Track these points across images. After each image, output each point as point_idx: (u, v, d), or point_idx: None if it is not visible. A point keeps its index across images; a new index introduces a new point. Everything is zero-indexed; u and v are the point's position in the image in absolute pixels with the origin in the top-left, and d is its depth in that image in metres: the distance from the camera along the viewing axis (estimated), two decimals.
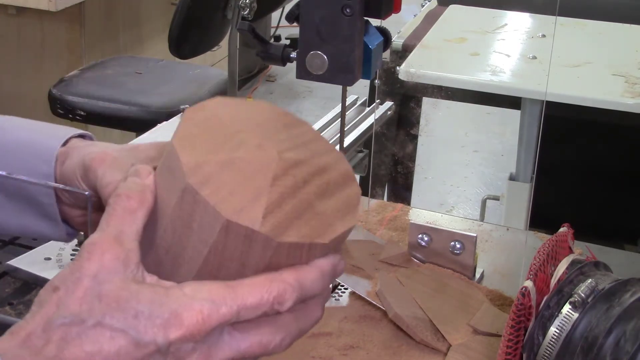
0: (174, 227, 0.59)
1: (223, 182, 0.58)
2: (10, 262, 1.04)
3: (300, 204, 0.59)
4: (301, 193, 0.59)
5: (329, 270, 0.60)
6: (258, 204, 0.57)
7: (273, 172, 0.59)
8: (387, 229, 1.17)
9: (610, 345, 0.75)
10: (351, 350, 0.91)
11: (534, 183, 1.94)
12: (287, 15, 0.95)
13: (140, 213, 0.59)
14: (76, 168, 0.73)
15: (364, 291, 0.99)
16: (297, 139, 0.64)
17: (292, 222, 0.58)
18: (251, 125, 0.63)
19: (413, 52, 2.00)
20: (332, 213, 0.60)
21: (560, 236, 0.89)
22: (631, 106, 1.75)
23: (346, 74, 0.93)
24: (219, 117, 0.63)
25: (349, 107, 1.47)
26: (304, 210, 0.59)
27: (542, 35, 2.12)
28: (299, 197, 0.59)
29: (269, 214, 0.57)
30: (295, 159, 0.61)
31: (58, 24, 3.01)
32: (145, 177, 0.62)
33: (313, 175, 0.61)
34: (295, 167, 0.60)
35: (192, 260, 0.59)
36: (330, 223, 0.60)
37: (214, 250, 0.57)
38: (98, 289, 0.55)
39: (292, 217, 0.58)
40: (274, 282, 0.57)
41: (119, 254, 0.57)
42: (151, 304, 0.55)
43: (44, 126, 0.80)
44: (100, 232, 0.58)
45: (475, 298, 0.99)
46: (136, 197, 0.60)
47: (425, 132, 2.74)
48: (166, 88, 2.74)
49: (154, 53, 3.36)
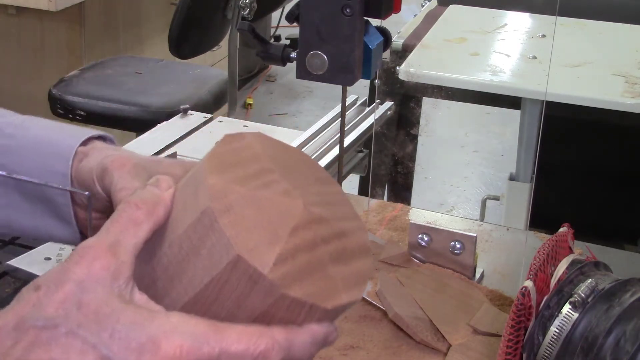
0: (181, 246, 0.57)
1: (244, 216, 0.55)
2: (10, 262, 1.04)
3: (314, 261, 0.56)
4: (317, 251, 0.57)
5: (321, 338, 0.57)
6: (272, 249, 0.55)
7: (295, 222, 0.57)
8: (387, 229, 1.17)
9: (610, 345, 0.75)
10: (351, 350, 0.91)
11: (534, 183, 1.94)
12: (287, 15, 0.95)
13: (146, 226, 0.57)
14: (94, 168, 0.71)
15: (364, 291, 0.99)
16: (325, 196, 0.62)
17: (302, 277, 0.55)
18: (284, 169, 0.61)
19: (413, 52, 2.00)
20: (342, 280, 0.58)
21: (560, 236, 0.89)
22: (631, 106, 1.75)
23: (346, 74, 0.93)
24: (255, 150, 0.61)
25: (349, 107, 1.47)
26: (316, 269, 0.56)
27: (542, 35, 2.12)
28: (315, 254, 0.57)
29: (281, 262, 0.54)
30: (319, 216, 0.59)
31: (58, 24, 3.01)
32: (164, 189, 0.59)
33: (332, 237, 0.59)
34: (318, 223, 0.58)
35: (189, 286, 0.56)
36: (337, 290, 0.57)
37: (215, 283, 0.55)
38: (80, 296, 0.53)
39: (302, 273, 0.55)
40: (263, 336, 0.54)
41: (110, 265, 0.54)
42: (131, 325, 0.52)
43: (65, 126, 0.78)
44: (97, 237, 0.56)
45: (475, 298, 0.99)
46: (145, 209, 0.57)
47: (425, 132, 2.74)
48: (166, 88, 2.74)
49: (154, 53, 3.36)
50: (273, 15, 4.04)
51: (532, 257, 0.85)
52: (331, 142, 1.34)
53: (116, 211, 0.57)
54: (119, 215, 0.57)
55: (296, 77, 0.95)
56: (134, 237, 0.56)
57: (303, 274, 0.55)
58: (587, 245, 1.07)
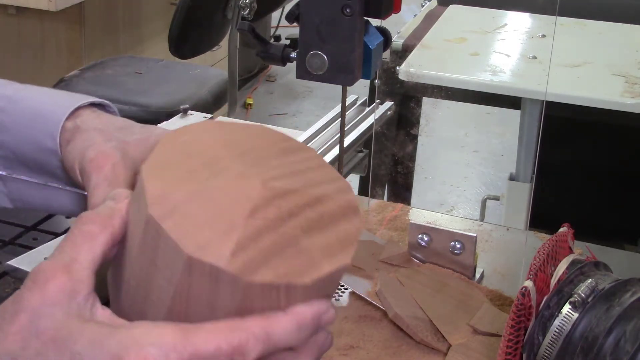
0: (140, 263, 0.54)
1: (191, 213, 0.51)
2: (10, 262, 1.04)
3: (282, 239, 0.52)
4: (285, 227, 0.52)
5: (310, 319, 0.52)
6: (228, 239, 0.50)
7: (252, 203, 0.52)
8: (387, 229, 1.17)
9: (610, 345, 0.75)
10: (351, 350, 0.91)
11: (534, 183, 1.94)
12: (287, 15, 0.95)
13: (102, 238, 0.54)
14: (76, 159, 0.68)
15: (364, 291, 0.99)
16: (293, 166, 0.57)
17: (269, 259, 0.51)
18: (238, 152, 0.57)
19: (413, 52, 2.00)
20: (321, 250, 0.53)
21: (560, 236, 0.89)
22: (631, 106, 1.75)
23: (346, 74, 0.93)
24: (201, 142, 0.57)
25: (349, 107, 1.47)
26: (286, 247, 0.52)
27: (542, 35, 2.12)
28: (282, 231, 0.52)
29: (240, 250, 0.50)
30: (283, 189, 0.54)
31: (58, 24, 3.01)
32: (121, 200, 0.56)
33: (304, 207, 0.54)
34: (282, 197, 0.54)
35: (160, 301, 0.53)
36: (315, 261, 0.52)
37: (180, 291, 0.52)
38: (37, 323, 0.50)
39: (269, 254, 0.51)
40: (235, 330, 0.50)
41: (65, 285, 0.51)
42: (91, 344, 0.49)
43: (54, 95, 0.75)
44: (51, 258, 0.53)
45: (475, 298, 0.99)
46: (99, 222, 0.55)
47: (425, 132, 2.74)
48: (166, 88, 2.74)
49: (154, 53, 3.36)
50: (273, 15, 4.04)
51: (532, 257, 0.85)
52: (331, 142, 1.34)
53: (70, 229, 0.55)
54: (72, 232, 0.54)
55: (296, 77, 0.95)
56: (90, 251, 0.53)
57: (270, 255, 0.51)
58: (587, 245, 1.07)
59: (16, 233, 1.10)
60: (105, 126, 0.71)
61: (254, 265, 0.50)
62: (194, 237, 0.50)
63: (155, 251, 0.52)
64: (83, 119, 0.72)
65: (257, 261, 0.50)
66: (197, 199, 0.52)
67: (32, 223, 1.12)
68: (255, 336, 0.51)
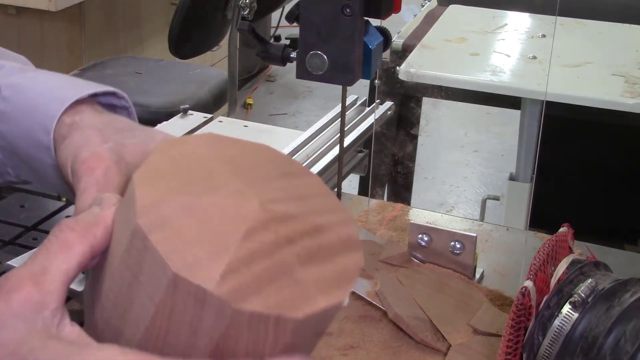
0: (122, 276, 0.50)
1: (182, 227, 0.48)
2: (10, 262, 1.04)
3: (277, 266, 0.48)
4: (281, 253, 0.49)
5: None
6: (219, 260, 0.47)
7: (249, 224, 0.49)
8: (387, 229, 1.17)
9: (610, 345, 0.75)
10: (351, 350, 0.91)
11: (534, 183, 1.94)
12: (287, 15, 0.95)
13: (79, 249, 0.50)
14: (69, 159, 0.65)
15: (364, 291, 0.99)
16: (294, 190, 0.53)
17: (260, 287, 0.47)
18: (238, 169, 0.53)
19: (413, 52, 2.00)
20: (317, 283, 0.49)
21: (560, 236, 0.89)
22: (631, 106, 1.76)
23: (346, 74, 0.93)
24: (200, 154, 0.53)
25: (349, 107, 1.47)
26: (280, 275, 0.48)
27: (542, 35, 2.12)
28: (277, 257, 0.48)
29: (231, 274, 0.46)
30: (283, 213, 0.50)
31: (58, 24, 3.01)
32: (107, 207, 0.52)
33: (302, 235, 0.50)
34: (281, 222, 0.50)
35: (139, 319, 0.49)
36: (310, 295, 0.48)
37: (161, 310, 0.48)
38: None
39: (261, 281, 0.47)
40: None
41: (32, 296, 0.47)
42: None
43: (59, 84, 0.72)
44: (22, 266, 0.49)
45: (475, 298, 0.99)
46: (79, 231, 0.51)
47: (425, 132, 2.74)
48: (166, 88, 2.74)
49: (154, 53, 3.36)
50: (273, 15, 4.04)
51: (532, 257, 0.85)
52: (331, 142, 1.34)
53: (48, 235, 0.51)
54: (48, 239, 0.51)
55: (296, 77, 0.95)
56: (64, 262, 0.49)
57: (262, 283, 0.47)
58: (587, 245, 1.07)
59: (16, 233, 1.10)
60: (104, 126, 0.67)
61: (244, 292, 0.46)
62: (183, 254, 0.47)
63: (139, 265, 0.48)
64: (82, 115, 0.68)
65: (247, 287, 0.47)
66: (189, 213, 0.49)
67: (32, 223, 1.12)
68: None
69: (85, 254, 0.50)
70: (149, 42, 3.47)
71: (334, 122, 1.41)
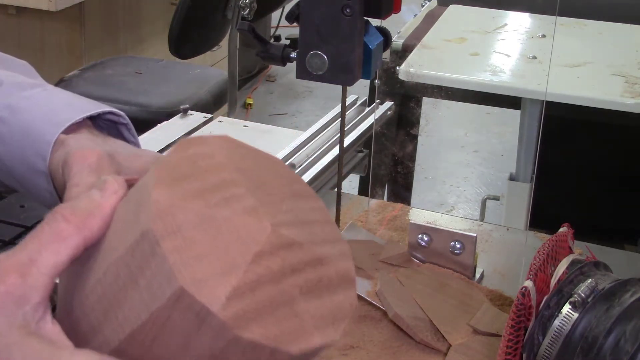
0: (118, 274, 0.48)
1: (194, 240, 0.47)
2: None
3: (280, 296, 0.47)
4: (285, 283, 0.48)
5: None
6: (227, 281, 0.46)
7: (259, 247, 0.48)
8: (387, 229, 1.17)
9: (610, 345, 0.75)
10: (351, 350, 0.91)
11: (534, 183, 1.94)
12: (287, 15, 0.95)
13: (73, 241, 0.48)
14: (60, 159, 0.63)
15: (364, 291, 0.99)
16: (301, 214, 0.52)
17: (262, 315, 0.46)
18: (253, 182, 0.52)
19: (413, 52, 2.00)
20: (314, 318, 0.48)
21: (560, 236, 0.89)
22: (631, 106, 1.75)
23: (346, 74, 0.93)
24: (218, 159, 0.52)
25: (349, 107, 1.47)
26: (281, 306, 0.47)
27: (542, 35, 2.12)
28: (281, 287, 0.48)
29: (236, 298, 0.45)
30: (290, 239, 0.50)
31: (58, 24, 3.01)
32: (108, 195, 0.50)
33: (305, 266, 0.49)
34: (288, 249, 0.49)
35: (125, 322, 0.48)
36: (307, 330, 0.48)
37: (155, 320, 0.46)
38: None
39: (263, 310, 0.46)
40: None
41: (15, 289, 0.45)
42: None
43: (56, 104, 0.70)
44: (9, 254, 0.48)
45: (475, 298, 0.99)
46: (75, 220, 0.48)
47: (425, 132, 2.74)
48: (166, 88, 2.74)
49: (154, 53, 3.36)
50: (273, 15, 4.04)
51: (532, 257, 0.85)
52: (331, 142, 1.34)
53: (41, 223, 0.49)
54: (41, 228, 0.48)
55: (296, 77, 0.95)
56: (55, 254, 0.47)
57: (264, 311, 0.46)
58: (587, 245, 1.07)
59: (16, 233, 1.10)
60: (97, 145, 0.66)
61: (246, 319, 0.46)
62: (191, 268, 0.45)
63: (142, 269, 0.47)
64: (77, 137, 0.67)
65: (250, 314, 0.46)
66: (203, 225, 0.47)
67: (32, 223, 1.12)
68: None
69: (78, 247, 0.48)
70: (149, 42, 3.47)
71: (334, 122, 1.41)
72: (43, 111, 0.69)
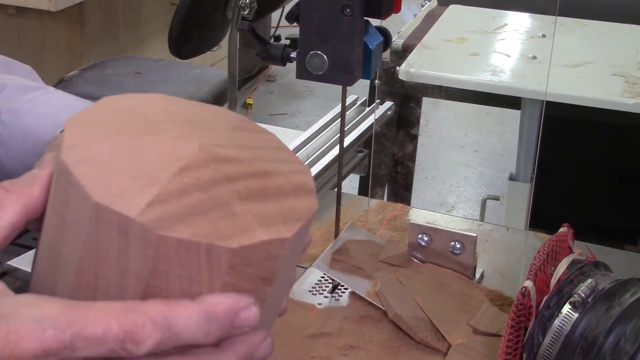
0: (52, 223, 0.47)
1: (111, 164, 0.44)
2: (10, 262, 1.04)
3: (212, 200, 0.44)
4: (218, 189, 0.45)
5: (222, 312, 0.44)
6: (146, 191, 0.43)
7: (185, 162, 0.45)
8: (387, 229, 1.17)
9: (610, 345, 0.75)
10: (351, 350, 0.91)
11: (534, 183, 1.94)
12: (287, 15, 0.95)
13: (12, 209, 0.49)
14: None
15: (364, 291, 0.99)
16: (244, 140, 0.50)
17: (192, 217, 0.43)
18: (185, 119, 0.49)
19: (413, 52, 2.00)
20: (257, 217, 0.45)
21: (560, 236, 0.89)
22: (631, 106, 1.75)
23: (346, 74, 0.93)
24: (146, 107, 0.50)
25: (349, 107, 1.47)
26: (215, 208, 0.44)
27: (542, 35, 2.12)
28: (213, 193, 0.45)
29: (157, 203, 0.43)
30: (225, 155, 0.47)
31: (58, 24, 3.01)
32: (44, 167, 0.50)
33: (247, 177, 0.46)
34: (222, 162, 0.46)
35: (69, 266, 0.46)
36: (249, 227, 0.44)
37: (87, 249, 0.45)
38: None
39: (192, 212, 0.43)
40: (130, 312, 0.43)
41: None
42: None
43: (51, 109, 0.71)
44: None
45: (475, 298, 0.99)
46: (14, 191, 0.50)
47: (425, 132, 2.74)
48: (166, 88, 2.74)
49: (154, 53, 3.36)
50: (273, 15, 4.04)
51: (532, 257, 0.85)
52: (331, 142, 1.34)
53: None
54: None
55: (296, 77, 0.95)
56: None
57: (194, 213, 0.43)
58: (587, 245, 1.07)
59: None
60: None
61: (171, 220, 0.43)
62: (108, 186, 0.43)
63: (65, 205, 0.45)
64: None
65: (176, 216, 0.43)
66: (121, 151, 0.45)
67: None
68: (153, 322, 0.43)
69: (19, 213, 0.49)
70: (149, 42, 3.47)
71: (334, 122, 1.41)
72: (44, 113, 0.71)
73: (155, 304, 0.44)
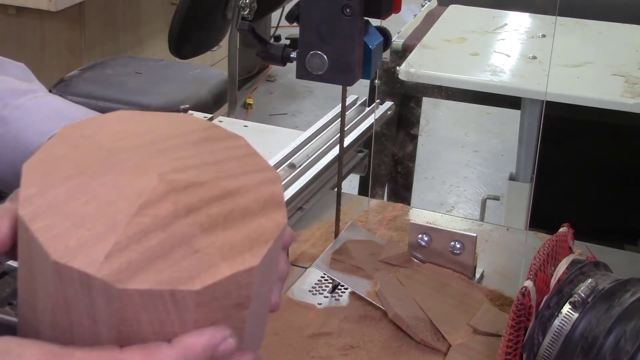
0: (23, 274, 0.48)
1: (68, 214, 0.44)
2: (11, 262, 1.04)
3: (173, 238, 0.44)
4: (178, 224, 0.45)
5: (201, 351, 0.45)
6: (104, 240, 0.43)
7: (143, 199, 0.45)
8: (387, 229, 1.17)
9: (610, 345, 0.75)
10: (351, 350, 0.91)
11: (534, 183, 1.94)
12: (287, 15, 0.95)
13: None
14: None
15: (364, 291, 0.99)
16: (208, 156, 0.49)
17: (152, 262, 0.43)
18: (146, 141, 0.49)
19: (413, 52, 2.00)
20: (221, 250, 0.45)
21: (560, 236, 0.89)
22: (631, 106, 1.75)
23: (346, 74, 0.93)
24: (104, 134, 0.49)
25: (349, 107, 1.47)
26: (176, 247, 0.44)
27: (542, 35, 2.12)
28: (173, 230, 0.45)
29: (116, 253, 0.43)
30: (185, 181, 0.46)
31: (58, 24, 3.01)
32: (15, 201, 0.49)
33: (209, 202, 0.46)
34: (183, 191, 0.46)
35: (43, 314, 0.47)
36: (212, 263, 0.44)
37: (57, 302, 0.45)
38: None
39: (152, 256, 0.44)
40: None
41: None
42: None
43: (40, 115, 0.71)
44: None
45: (475, 298, 0.99)
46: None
47: (425, 132, 2.74)
48: (166, 88, 2.74)
49: (154, 53, 3.36)
50: (273, 15, 4.04)
51: (532, 257, 0.85)
52: (331, 142, 1.34)
53: None
54: None
55: (296, 77, 0.95)
56: None
57: (154, 258, 0.43)
58: (587, 245, 1.07)
59: None
60: None
61: (131, 270, 0.43)
62: (66, 239, 0.44)
63: (30, 258, 0.46)
64: None
65: (136, 265, 0.43)
66: (78, 196, 0.45)
67: None
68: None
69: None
70: (149, 42, 3.47)
71: (334, 122, 1.41)
72: (31, 120, 0.71)
73: (133, 352, 0.44)
